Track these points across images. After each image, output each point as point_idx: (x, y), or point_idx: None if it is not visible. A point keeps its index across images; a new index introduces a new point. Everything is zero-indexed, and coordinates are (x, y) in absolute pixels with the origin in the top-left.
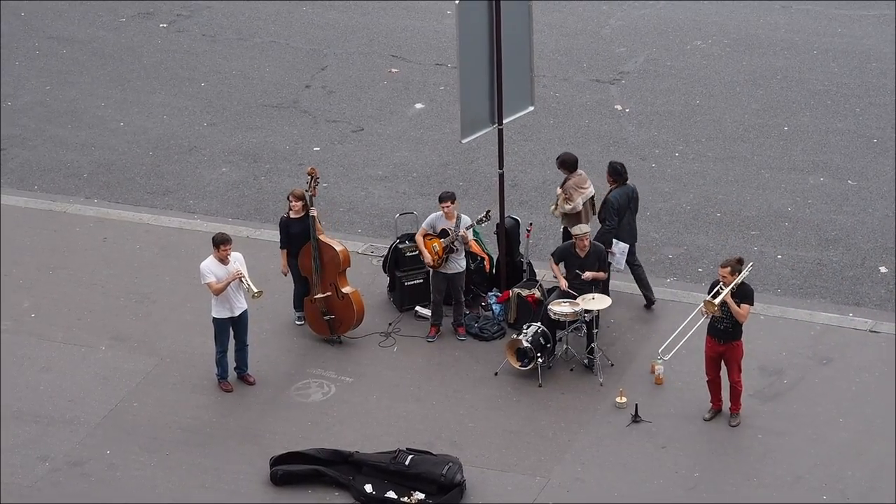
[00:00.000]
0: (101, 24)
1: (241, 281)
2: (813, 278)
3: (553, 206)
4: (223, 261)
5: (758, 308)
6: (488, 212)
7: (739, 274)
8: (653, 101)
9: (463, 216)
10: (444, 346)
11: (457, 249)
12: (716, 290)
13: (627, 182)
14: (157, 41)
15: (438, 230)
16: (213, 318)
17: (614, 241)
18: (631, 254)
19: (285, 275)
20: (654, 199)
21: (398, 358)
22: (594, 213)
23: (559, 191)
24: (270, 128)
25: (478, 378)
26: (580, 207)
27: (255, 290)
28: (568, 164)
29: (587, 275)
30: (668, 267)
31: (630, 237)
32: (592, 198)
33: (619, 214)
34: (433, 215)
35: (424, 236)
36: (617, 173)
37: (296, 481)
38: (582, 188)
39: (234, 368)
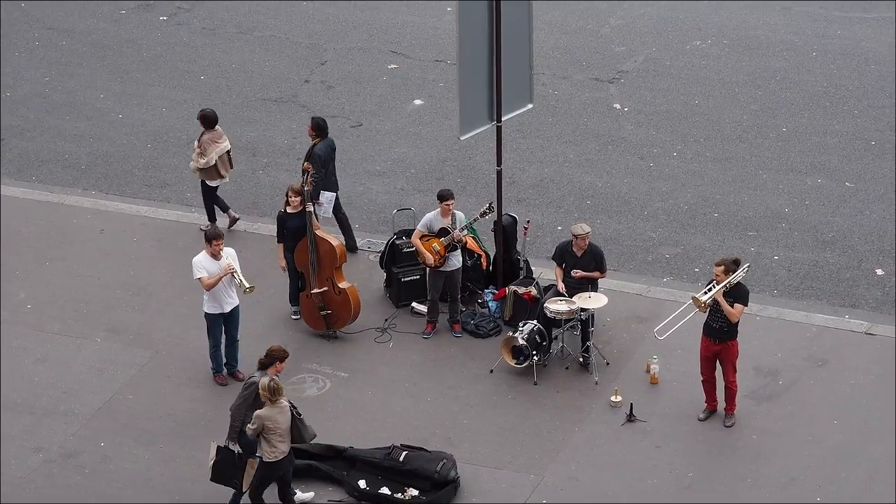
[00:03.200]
0: (101, 15)
1: (234, 276)
2: (809, 280)
3: (191, 161)
4: (215, 256)
5: (753, 309)
6: (491, 204)
7: (733, 274)
8: (651, 100)
9: (457, 212)
10: (440, 342)
11: (456, 247)
12: (708, 287)
13: (328, 135)
14: (157, 34)
15: (436, 230)
16: (205, 314)
17: (322, 191)
18: (336, 202)
19: (284, 270)
20: (652, 198)
21: (394, 354)
22: (231, 167)
23: (195, 145)
24: (269, 122)
25: (473, 375)
26: (213, 161)
27: (248, 285)
28: (207, 119)
29: (577, 273)
30: (664, 266)
31: (334, 186)
32: (228, 152)
33: (325, 166)
34: (429, 216)
35: (421, 238)
36: (320, 128)
37: None
38: (217, 143)
39: (225, 364)
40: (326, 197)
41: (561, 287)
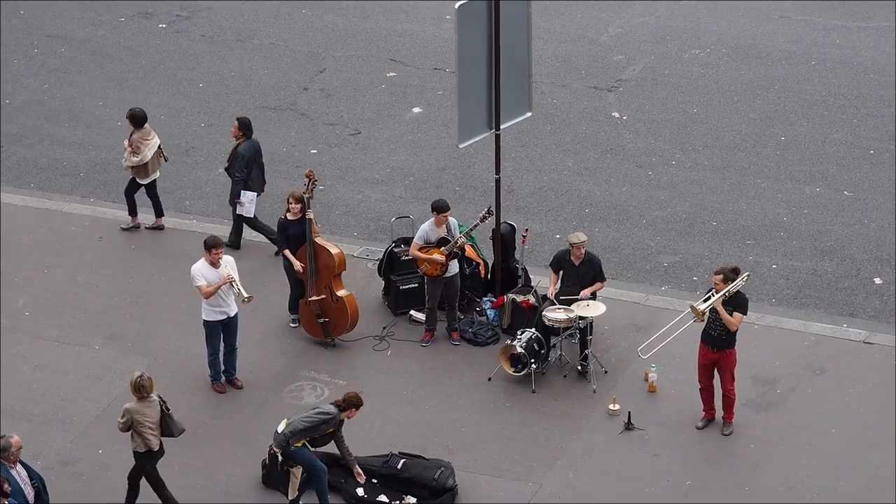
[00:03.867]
0: (100, 23)
1: (232, 285)
2: (807, 288)
3: (123, 160)
4: (214, 264)
5: (752, 317)
6: (490, 207)
7: (732, 282)
8: (650, 108)
9: (451, 219)
10: (438, 350)
11: (457, 254)
12: (706, 296)
13: (253, 136)
14: (156, 41)
15: (435, 240)
16: (204, 321)
17: (243, 191)
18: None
19: (302, 271)
20: (651, 206)
21: (392, 362)
22: (166, 160)
23: (126, 144)
24: (268, 130)
25: (471, 383)
26: (147, 158)
27: (246, 295)
28: (136, 118)
29: (585, 293)
30: (662, 275)
31: (259, 187)
32: (160, 147)
33: (248, 167)
34: (425, 227)
35: (420, 250)
36: (246, 127)
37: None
38: (147, 140)
39: (223, 371)
40: (248, 197)
41: (551, 292)
